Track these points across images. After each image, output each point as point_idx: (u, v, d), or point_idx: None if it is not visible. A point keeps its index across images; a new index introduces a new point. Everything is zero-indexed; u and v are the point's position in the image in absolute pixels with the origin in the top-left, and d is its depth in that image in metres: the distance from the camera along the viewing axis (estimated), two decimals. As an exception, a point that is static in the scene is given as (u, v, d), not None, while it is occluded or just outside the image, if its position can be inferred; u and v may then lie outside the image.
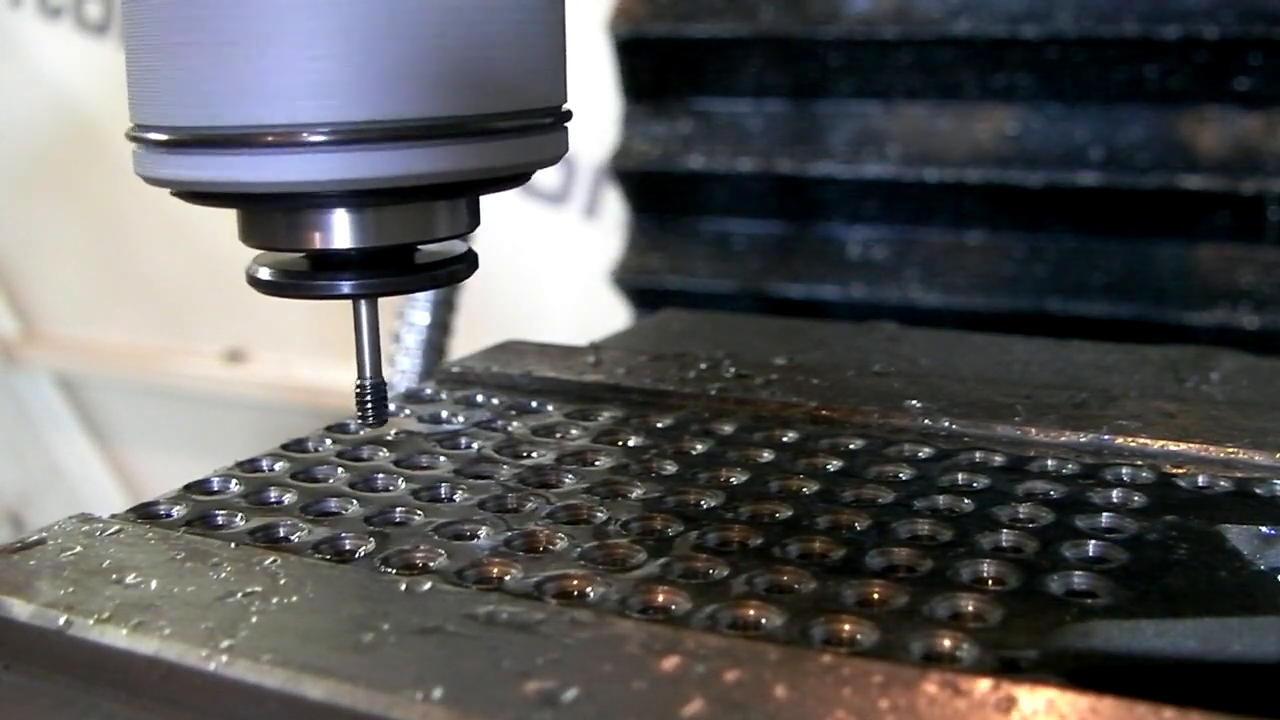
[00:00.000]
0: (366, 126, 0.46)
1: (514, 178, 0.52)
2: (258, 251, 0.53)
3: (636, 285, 1.21)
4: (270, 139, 0.46)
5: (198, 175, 0.48)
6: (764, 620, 0.44)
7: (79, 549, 0.48)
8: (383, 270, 0.52)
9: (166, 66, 0.47)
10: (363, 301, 0.53)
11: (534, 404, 0.69)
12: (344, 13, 0.45)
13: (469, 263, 0.55)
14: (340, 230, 0.50)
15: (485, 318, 1.21)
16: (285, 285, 0.52)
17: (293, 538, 0.52)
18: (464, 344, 0.88)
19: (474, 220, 0.54)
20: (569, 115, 0.54)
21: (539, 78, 0.51)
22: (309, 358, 1.94)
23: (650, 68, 1.20)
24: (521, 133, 0.50)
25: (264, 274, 0.52)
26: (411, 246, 0.53)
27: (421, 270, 0.53)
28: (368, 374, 0.55)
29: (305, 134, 0.46)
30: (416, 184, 0.48)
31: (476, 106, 0.48)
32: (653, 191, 1.22)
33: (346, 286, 0.51)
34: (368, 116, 0.46)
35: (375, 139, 0.46)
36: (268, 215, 0.51)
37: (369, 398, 0.55)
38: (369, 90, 0.46)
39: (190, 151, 0.48)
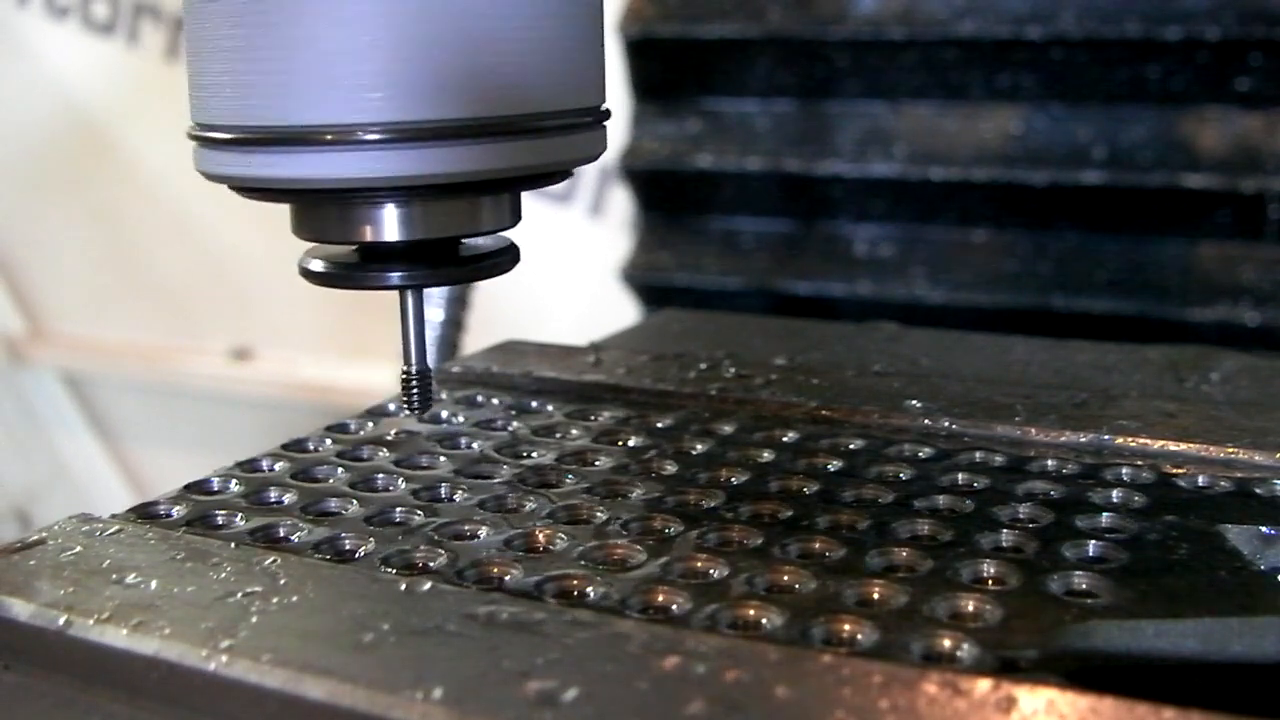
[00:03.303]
0: (419, 126, 0.48)
1: (555, 174, 0.54)
2: (263, 249, 0.54)
3: (645, 282, 1.21)
4: (329, 137, 0.48)
5: (258, 172, 0.50)
6: (764, 620, 0.44)
7: (79, 549, 0.48)
8: (429, 262, 0.54)
9: (229, 69, 0.49)
10: (409, 292, 0.55)
11: (534, 404, 0.69)
12: (398, 19, 0.47)
13: (512, 255, 0.56)
14: (390, 224, 0.52)
15: (490, 317, 1.21)
16: (337, 276, 0.54)
17: (293, 538, 0.52)
18: (468, 343, 0.88)
19: (516, 215, 0.56)
20: (608, 114, 0.56)
21: (580, 79, 0.53)
22: (315, 356, 1.95)
23: (659, 68, 1.21)
24: (563, 131, 0.52)
25: (316, 266, 0.54)
26: (457, 240, 0.55)
27: (467, 262, 0.55)
28: (414, 362, 0.57)
29: (361, 133, 0.48)
30: (464, 180, 0.50)
31: (522, 106, 0.50)
32: (662, 190, 1.22)
33: (395, 278, 0.53)
34: (420, 116, 0.48)
35: (427, 137, 0.48)
36: (321, 209, 0.53)
37: (414, 385, 0.57)
38: (421, 91, 0.48)
39: (251, 150, 0.50)
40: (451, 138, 0.49)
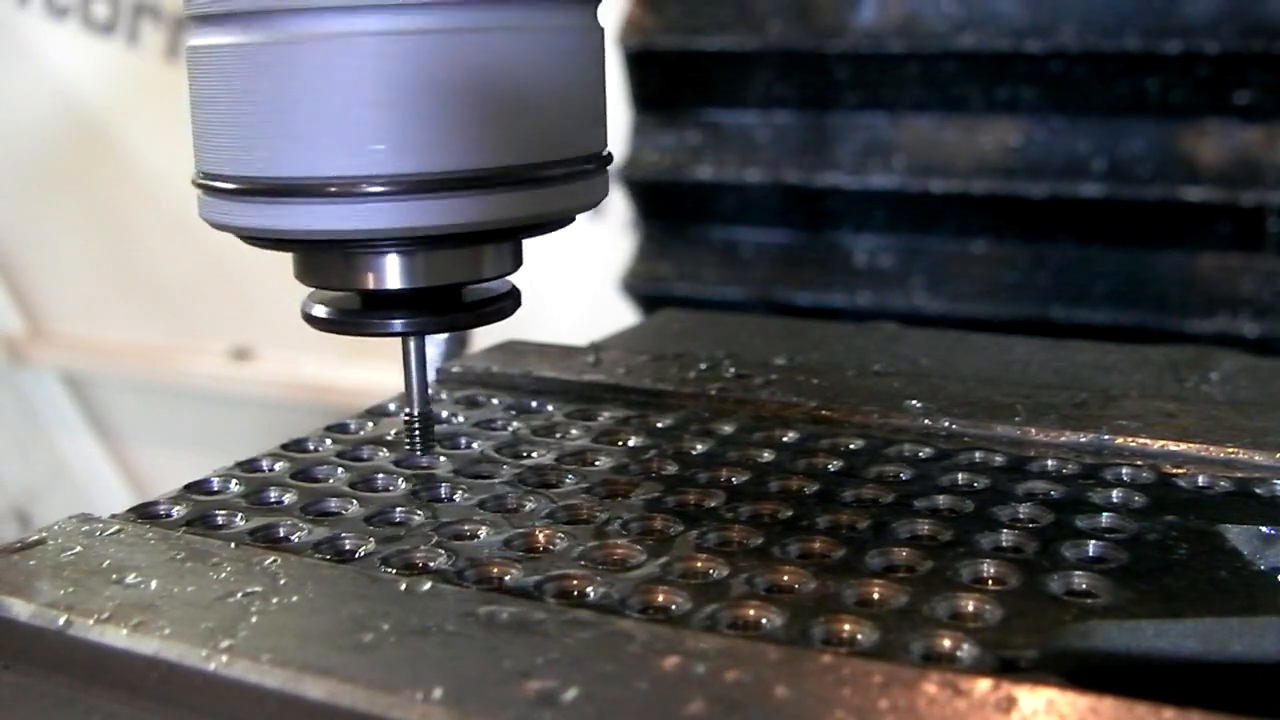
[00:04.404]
0: (421, 178, 0.49)
1: (558, 221, 0.55)
2: (264, 250, 0.55)
3: (645, 292, 1.21)
4: (331, 189, 0.49)
5: (262, 223, 0.51)
6: (764, 620, 0.44)
7: (79, 549, 0.48)
8: (432, 309, 0.54)
9: (232, 120, 0.50)
10: (411, 338, 0.56)
11: (534, 404, 0.69)
12: (399, 71, 0.48)
13: (513, 300, 0.57)
14: (392, 272, 0.53)
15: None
16: (341, 323, 0.55)
17: (293, 538, 0.52)
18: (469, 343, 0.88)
19: (518, 261, 0.56)
20: (609, 159, 0.56)
21: (582, 127, 0.54)
22: (315, 355, 1.94)
23: (659, 79, 1.21)
24: (565, 180, 0.53)
25: (319, 311, 0.55)
26: (459, 286, 0.55)
27: (469, 308, 0.56)
28: (416, 405, 0.58)
29: (363, 185, 0.49)
30: (467, 231, 0.51)
31: (522, 156, 0.51)
32: (662, 200, 1.23)
33: (398, 325, 0.54)
34: (422, 168, 0.49)
35: (429, 189, 0.49)
36: (324, 258, 0.54)
37: (417, 427, 0.58)
38: (423, 144, 0.49)
39: (255, 200, 0.51)
40: (454, 189, 0.49)
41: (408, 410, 0.58)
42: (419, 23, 0.48)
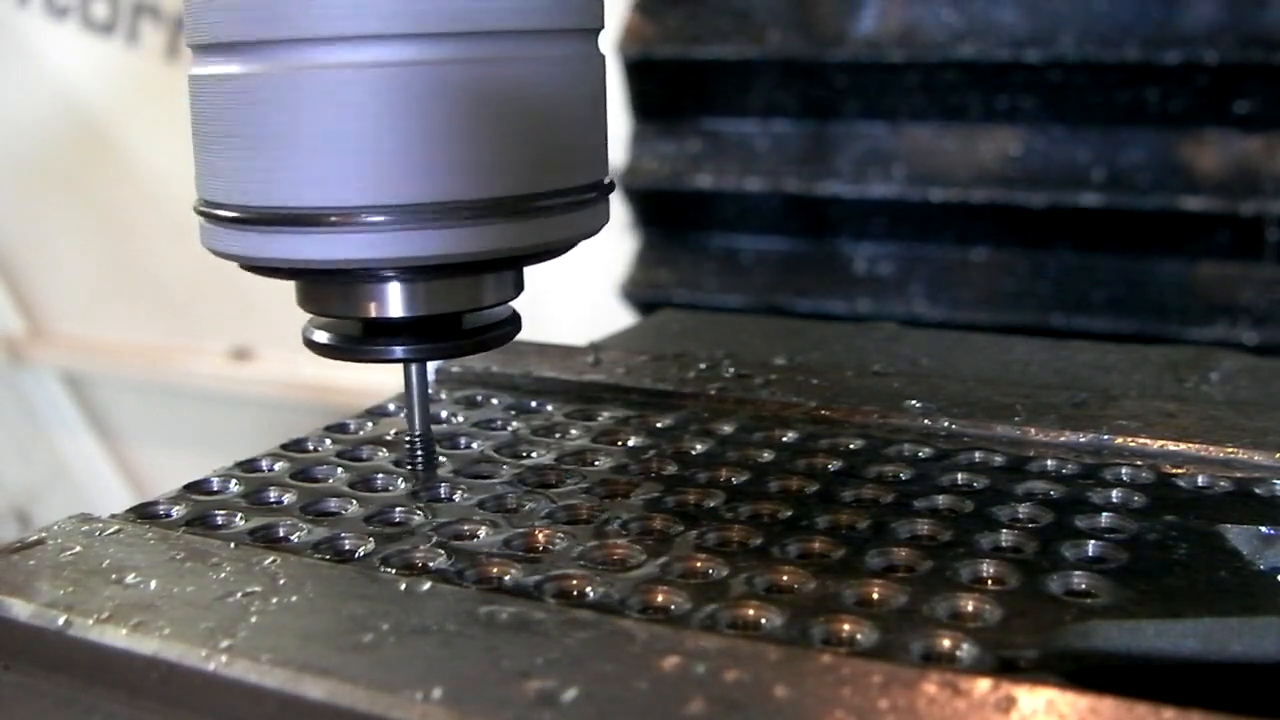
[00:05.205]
0: (419, 208, 0.49)
1: (559, 249, 0.55)
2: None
3: (646, 299, 1.21)
4: (333, 220, 0.49)
5: (264, 252, 0.51)
6: (764, 620, 0.44)
7: (78, 549, 0.48)
8: (433, 336, 0.55)
9: (235, 151, 0.50)
10: (413, 364, 0.56)
11: (534, 404, 0.69)
12: (399, 102, 0.48)
13: (514, 325, 0.58)
14: (394, 300, 0.53)
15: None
16: (343, 349, 0.55)
17: (292, 538, 0.52)
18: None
19: (519, 287, 0.57)
20: (611, 187, 0.56)
21: (583, 156, 0.54)
22: (315, 355, 1.94)
23: (659, 88, 1.21)
24: (566, 209, 0.53)
25: (320, 337, 0.56)
26: (461, 314, 0.56)
27: (469, 335, 0.56)
28: (418, 429, 0.58)
29: (364, 215, 0.49)
30: (467, 260, 0.51)
31: (524, 186, 0.51)
32: (661, 208, 1.23)
33: (400, 352, 0.55)
34: (423, 198, 0.49)
35: (428, 220, 0.49)
36: (325, 286, 0.54)
37: (419, 449, 0.59)
38: (424, 174, 0.49)
39: (257, 229, 0.51)
40: (455, 219, 0.50)
41: (409, 435, 0.58)
42: (420, 53, 0.48)
